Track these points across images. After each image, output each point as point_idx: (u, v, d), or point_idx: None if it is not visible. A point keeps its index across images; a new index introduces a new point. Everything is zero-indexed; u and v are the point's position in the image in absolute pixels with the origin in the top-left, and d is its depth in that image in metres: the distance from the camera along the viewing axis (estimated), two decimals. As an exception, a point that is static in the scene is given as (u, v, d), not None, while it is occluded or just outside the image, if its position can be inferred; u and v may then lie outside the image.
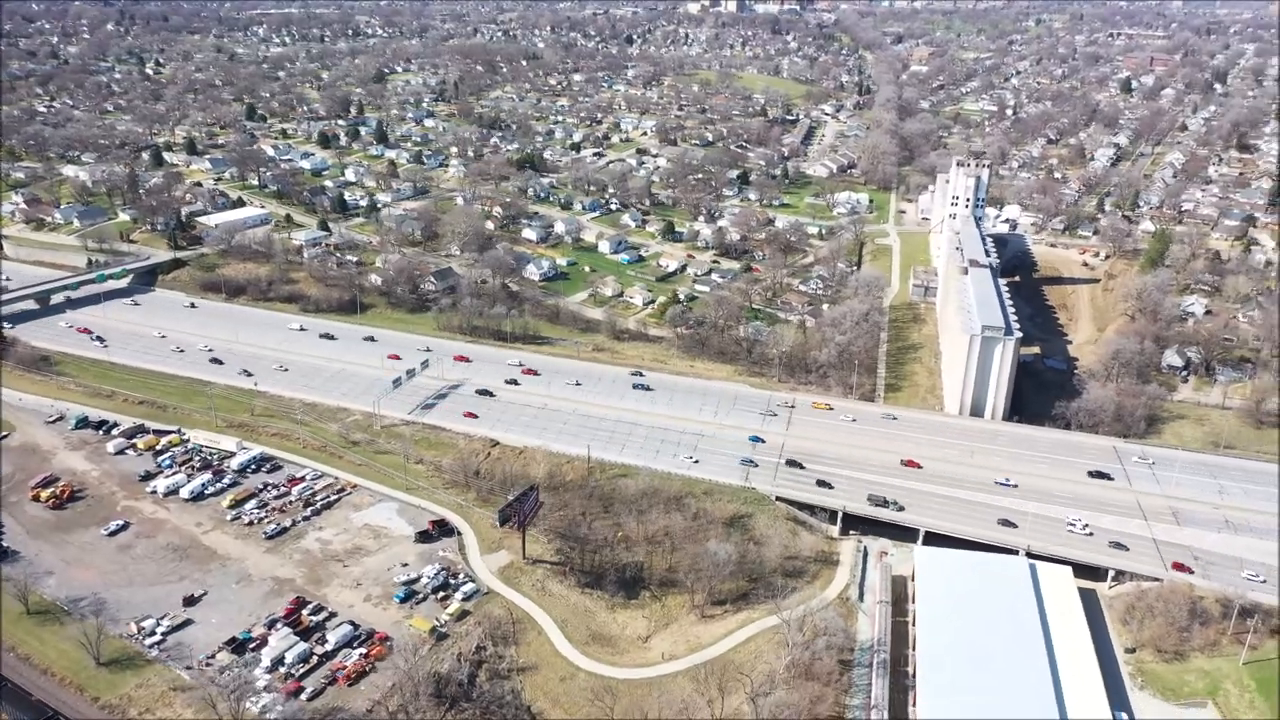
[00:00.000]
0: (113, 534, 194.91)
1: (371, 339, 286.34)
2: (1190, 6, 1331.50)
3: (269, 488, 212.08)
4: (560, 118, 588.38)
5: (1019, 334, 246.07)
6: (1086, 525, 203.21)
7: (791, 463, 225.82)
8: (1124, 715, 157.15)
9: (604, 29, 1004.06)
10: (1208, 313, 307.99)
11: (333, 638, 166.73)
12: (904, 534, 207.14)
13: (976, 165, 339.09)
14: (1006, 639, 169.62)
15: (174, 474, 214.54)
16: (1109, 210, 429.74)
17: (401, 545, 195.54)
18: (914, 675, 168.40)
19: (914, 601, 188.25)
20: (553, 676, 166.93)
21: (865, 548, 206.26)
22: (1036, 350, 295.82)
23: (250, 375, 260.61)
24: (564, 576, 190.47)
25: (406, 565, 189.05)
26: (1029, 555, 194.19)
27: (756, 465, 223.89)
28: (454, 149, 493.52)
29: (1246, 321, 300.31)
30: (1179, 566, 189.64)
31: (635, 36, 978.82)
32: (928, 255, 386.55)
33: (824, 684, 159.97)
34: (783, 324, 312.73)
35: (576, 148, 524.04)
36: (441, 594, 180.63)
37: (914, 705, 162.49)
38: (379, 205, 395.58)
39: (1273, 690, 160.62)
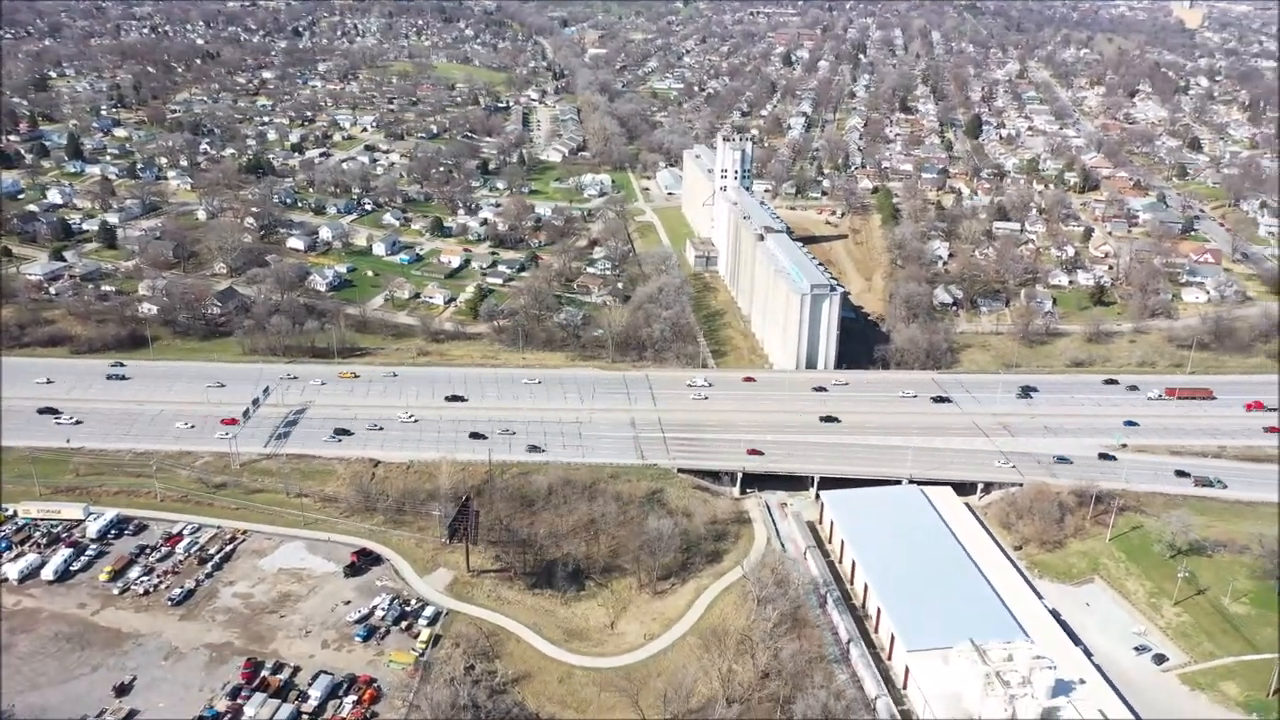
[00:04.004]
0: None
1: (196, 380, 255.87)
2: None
3: (147, 550, 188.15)
4: (268, 118, 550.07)
5: (842, 290, 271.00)
6: None
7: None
8: (1046, 601, 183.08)
9: (265, 22, 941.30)
10: (951, 255, 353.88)
11: (315, 692, 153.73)
12: (795, 484, 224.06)
13: (741, 140, 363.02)
14: (932, 554, 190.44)
15: (20, 555, 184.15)
16: (827, 173, 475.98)
17: (332, 583, 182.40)
18: (865, 604, 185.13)
19: (831, 541, 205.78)
20: (550, 680, 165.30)
21: (766, 502, 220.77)
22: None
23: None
24: (512, 581, 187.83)
25: (349, 603, 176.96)
26: (911, 481, 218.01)
27: (1071, 462, 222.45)
28: (164, 159, 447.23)
29: (983, 259, 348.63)
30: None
31: (301, 29, 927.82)
32: (689, 228, 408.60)
33: (815, 627, 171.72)
34: (592, 306, 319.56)
35: (298, 149, 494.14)
36: (405, 624, 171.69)
37: (876, 630, 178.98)
38: (111, 227, 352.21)
39: (1139, 557, 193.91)
